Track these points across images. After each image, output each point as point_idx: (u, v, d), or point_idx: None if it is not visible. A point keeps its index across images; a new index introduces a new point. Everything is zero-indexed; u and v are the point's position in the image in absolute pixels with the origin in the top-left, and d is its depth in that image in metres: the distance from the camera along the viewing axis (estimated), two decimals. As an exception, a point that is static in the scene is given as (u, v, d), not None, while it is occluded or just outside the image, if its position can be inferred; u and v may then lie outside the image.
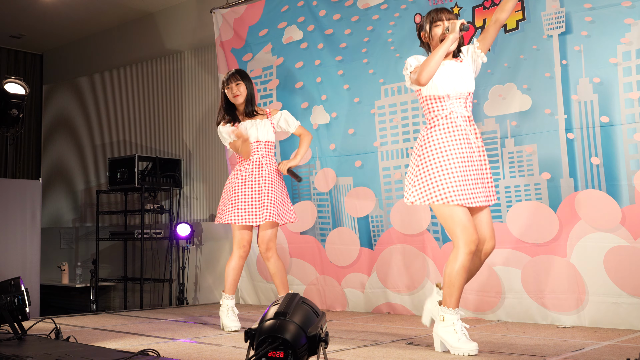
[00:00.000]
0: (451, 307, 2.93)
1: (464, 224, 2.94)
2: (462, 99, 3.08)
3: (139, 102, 7.15)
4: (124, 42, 7.35)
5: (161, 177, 6.28)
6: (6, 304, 3.20)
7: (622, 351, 2.95)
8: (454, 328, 2.90)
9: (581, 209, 3.84)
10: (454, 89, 3.06)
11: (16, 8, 6.82)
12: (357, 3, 4.89)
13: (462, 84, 3.07)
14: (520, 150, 4.09)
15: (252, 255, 5.33)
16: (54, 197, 7.89)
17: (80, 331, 3.79)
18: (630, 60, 3.73)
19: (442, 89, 3.05)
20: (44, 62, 8.47)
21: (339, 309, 4.88)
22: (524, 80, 4.10)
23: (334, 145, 4.95)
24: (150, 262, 6.52)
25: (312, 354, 2.09)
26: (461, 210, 2.95)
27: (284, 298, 2.20)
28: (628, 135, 3.72)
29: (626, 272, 3.68)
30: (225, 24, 5.63)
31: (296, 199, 5.13)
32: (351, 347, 3.16)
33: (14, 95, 5.10)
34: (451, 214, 2.95)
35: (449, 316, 2.92)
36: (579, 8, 3.90)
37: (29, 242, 5.10)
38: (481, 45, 3.12)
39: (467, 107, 3.10)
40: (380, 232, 4.67)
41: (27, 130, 8.18)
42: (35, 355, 2.64)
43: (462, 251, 2.92)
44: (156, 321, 4.31)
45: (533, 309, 3.98)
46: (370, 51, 4.81)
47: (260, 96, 5.39)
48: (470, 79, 3.12)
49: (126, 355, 2.63)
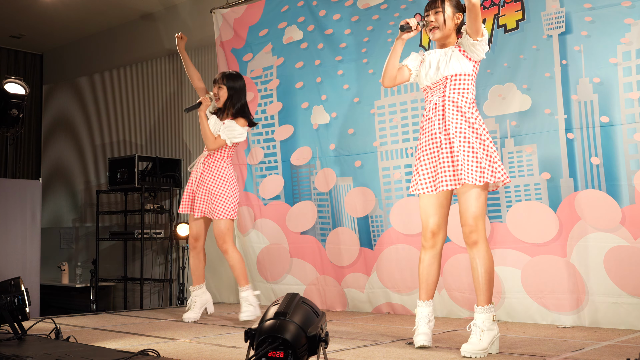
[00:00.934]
0: (419, 300, 3.13)
1: (422, 216, 3.11)
2: (440, 86, 3.11)
3: (139, 102, 7.15)
4: (124, 42, 7.35)
5: (161, 177, 6.28)
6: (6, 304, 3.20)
7: (622, 351, 2.95)
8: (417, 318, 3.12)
9: (581, 209, 3.84)
10: (430, 79, 3.15)
11: (16, 8, 6.81)
12: (357, 3, 4.89)
13: (435, 72, 3.11)
14: (520, 150, 4.09)
15: (252, 255, 5.33)
16: (54, 197, 7.89)
17: (80, 331, 3.79)
18: (630, 60, 3.73)
19: (423, 81, 3.18)
20: (44, 62, 8.46)
21: (339, 309, 4.88)
22: (523, 80, 4.10)
23: (334, 145, 4.95)
24: (150, 262, 6.52)
25: (312, 354, 2.09)
26: (423, 200, 3.09)
27: (284, 298, 2.20)
28: (628, 135, 3.72)
29: (626, 272, 3.68)
30: (225, 24, 5.63)
31: (296, 199, 5.14)
32: (351, 347, 3.16)
33: (14, 95, 5.10)
34: (419, 204, 3.13)
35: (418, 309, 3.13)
36: (579, 8, 3.90)
37: (29, 242, 5.10)
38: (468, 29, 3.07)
39: (445, 92, 3.08)
40: (380, 232, 4.67)
41: (27, 130, 8.18)
42: (35, 355, 2.64)
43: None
44: (156, 321, 4.31)
45: (533, 309, 3.98)
46: (370, 51, 4.81)
47: (261, 96, 5.39)
48: (447, 64, 3.10)
49: (126, 355, 2.62)
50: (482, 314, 2.95)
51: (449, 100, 3.07)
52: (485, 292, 2.96)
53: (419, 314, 3.13)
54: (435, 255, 3.14)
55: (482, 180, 2.94)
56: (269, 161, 5.31)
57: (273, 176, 5.27)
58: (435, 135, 3.06)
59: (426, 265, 3.13)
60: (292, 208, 5.16)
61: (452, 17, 3.12)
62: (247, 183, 5.39)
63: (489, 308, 2.96)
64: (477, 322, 2.94)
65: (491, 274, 2.98)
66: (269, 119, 5.31)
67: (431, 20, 3.12)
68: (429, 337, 3.09)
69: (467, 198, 2.97)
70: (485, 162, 2.97)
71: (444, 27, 3.11)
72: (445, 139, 3.03)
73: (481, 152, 2.98)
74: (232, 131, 4.12)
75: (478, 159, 2.97)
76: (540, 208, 3.99)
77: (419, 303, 3.15)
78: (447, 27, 3.11)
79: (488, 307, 2.96)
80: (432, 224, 3.11)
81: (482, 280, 2.97)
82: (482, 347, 2.87)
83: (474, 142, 3.00)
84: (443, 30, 3.12)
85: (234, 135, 4.12)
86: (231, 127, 4.12)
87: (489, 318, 2.95)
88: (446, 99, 3.07)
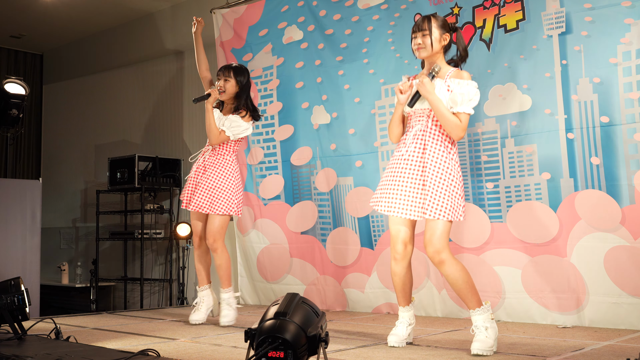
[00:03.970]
0: (400, 306, 3.21)
1: (392, 229, 3.16)
2: (423, 117, 3.13)
3: (139, 102, 7.16)
4: (124, 42, 7.35)
5: (161, 177, 6.28)
6: (6, 304, 3.20)
7: (622, 351, 2.95)
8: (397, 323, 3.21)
9: (581, 209, 3.84)
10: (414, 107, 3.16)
11: (16, 8, 6.82)
12: (357, 3, 4.89)
13: (420, 102, 3.14)
14: (520, 150, 4.09)
15: (252, 255, 5.34)
16: (54, 197, 7.89)
17: (80, 331, 3.79)
18: (630, 60, 3.73)
19: (406, 108, 3.20)
20: (44, 62, 8.47)
21: (339, 309, 4.88)
22: (524, 80, 4.10)
23: (335, 146, 4.95)
24: (150, 262, 6.52)
25: (312, 354, 2.09)
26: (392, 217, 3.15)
27: (284, 298, 2.20)
28: (628, 135, 3.72)
29: (626, 272, 3.68)
30: (225, 24, 5.63)
31: (297, 199, 5.14)
32: (351, 347, 3.16)
33: (14, 95, 5.11)
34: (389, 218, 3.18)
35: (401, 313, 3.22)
36: (579, 8, 3.90)
37: (29, 242, 5.10)
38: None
39: (428, 124, 3.10)
40: (380, 232, 4.67)
41: (27, 130, 8.19)
42: (35, 355, 2.64)
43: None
44: (156, 321, 4.31)
45: (533, 309, 3.98)
46: (370, 51, 4.81)
47: (261, 96, 5.38)
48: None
49: (126, 355, 2.62)
50: (480, 315, 2.98)
51: (431, 133, 3.10)
52: (473, 297, 3.00)
53: (400, 317, 3.22)
54: (408, 265, 3.18)
55: (445, 217, 3.00)
56: (269, 161, 5.31)
57: (273, 176, 5.27)
58: (411, 166, 3.09)
59: (402, 276, 3.18)
60: (292, 208, 5.16)
61: (439, 39, 3.14)
62: (247, 183, 5.39)
63: (484, 308, 2.99)
64: (477, 323, 2.97)
65: (469, 281, 3.02)
66: (269, 119, 5.31)
67: (418, 43, 3.14)
68: (400, 338, 3.16)
69: (435, 224, 3.03)
70: (451, 201, 3.02)
71: (431, 49, 3.14)
72: (420, 172, 3.06)
73: (450, 191, 3.03)
74: (238, 127, 4.01)
75: (446, 198, 3.01)
76: (540, 208, 3.99)
77: (400, 309, 3.22)
78: (434, 49, 3.15)
79: (483, 308, 2.99)
80: (404, 234, 3.14)
81: (464, 289, 3.01)
82: (490, 344, 2.91)
83: (446, 179, 3.03)
84: (430, 51, 3.14)
85: (239, 130, 4.01)
86: (236, 122, 4.01)
87: (488, 317, 2.99)
88: (428, 132, 3.10)
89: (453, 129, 3.03)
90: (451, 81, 3.10)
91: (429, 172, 3.03)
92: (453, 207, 3.02)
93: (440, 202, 2.99)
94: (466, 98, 3.04)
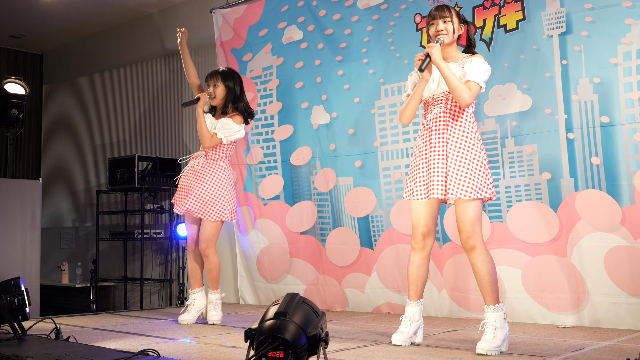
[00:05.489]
0: (409, 300, 3.19)
1: (413, 219, 3.19)
2: (442, 100, 3.16)
3: (139, 102, 7.15)
4: (124, 42, 7.35)
5: (161, 177, 6.28)
6: (6, 304, 3.20)
7: (622, 351, 2.95)
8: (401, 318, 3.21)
9: (581, 209, 3.84)
10: (431, 92, 3.20)
11: (16, 8, 6.81)
12: (357, 3, 4.89)
13: (437, 86, 3.18)
14: (521, 150, 4.09)
15: (251, 255, 5.33)
16: (54, 197, 7.89)
17: (80, 331, 3.79)
18: (630, 61, 3.73)
19: (426, 93, 3.23)
20: (44, 62, 8.46)
21: (339, 309, 4.87)
22: (524, 80, 4.10)
23: (334, 145, 4.95)
24: (150, 262, 6.52)
25: (312, 354, 2.09)
26: (414, 204, 3.17)
27: (284, 298, 2.20)
28: (628, 135, 3.72)
29: (626, 272, 3.68)
30: (225, 24, 5.63)
31: (296, 199, 5.14)
32: (351, 347, 3.16)
33: (14, 95, 5.10)
34: (411, 207, 3.20)
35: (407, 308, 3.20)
36: (579, 8, 3.90)
37: (29, 242, 5.10)
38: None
39: (447, 105, 3.14)
40: (380, 232, 4.67)
41: (27, 130, 8.18)
42: (35, 355, 2.64)
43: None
44: (156, 321, 4.31)
45: (533, 309, 3.98)
46: (370, 51, 4.81)
47: (260, 96, 5.38)
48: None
49: (126, 355, 2.63)
50: (494, 312, 2.99)
51: (451, 114, 3.13)
52: (492, 293, 3.00)
53: (407, 312, 3.20)
54: (425, 257, 3.20)
55: (468, 197, 3.00)
56: (268, 161, 5.31)
57: (273, 176, 5.27)
58: (434, 146, 3.12)
59: (416, 267, 3.19)
60: (292, 208, 5.16)
61: (458, 27, 3.20)
62: (247, 183, 5.39)
63: (499, 307, 3.00)
64: (489, 320, 2.97)
65: (494, 274, 3.03)
66: (269, 119, 5.31)
67: (440, 29, 3.16)
68: (405, 336, 3.15)
69: (463, 206, 3.04)
70: (475, 179, 3.03)
71: (453, 35, 3.18)
72: (443, 151, 3.09)
73: (473, 168, 3.04)
74: (229, 129, 4.03)
75: (469, 175, 3.02)
76: (540, 208, 3.99)
77: (408, 303, 3.21)
78: (454, 36, 3.19)
79: (498, 306, 2.99)
80: (423, 227, 3.16)
81: (487, 282, 3.00)
82: (496, 344, 2.91)
83: (469, 157, 3.05)
84: (451, 37, 3.18)
85: (231, 133, 4.04)
86: (227, 124, 4.03)
87: (501, 316, 2.99)
88: (448, 113, 3.13)
89: (460, 93, 3.03)
90: (464, 61, 3.16)
91: (451, 152, 3.06)
92: (477, 185, 3.01)
93: (463, 180, 3.01)
94: (476, 70, 3.08)
